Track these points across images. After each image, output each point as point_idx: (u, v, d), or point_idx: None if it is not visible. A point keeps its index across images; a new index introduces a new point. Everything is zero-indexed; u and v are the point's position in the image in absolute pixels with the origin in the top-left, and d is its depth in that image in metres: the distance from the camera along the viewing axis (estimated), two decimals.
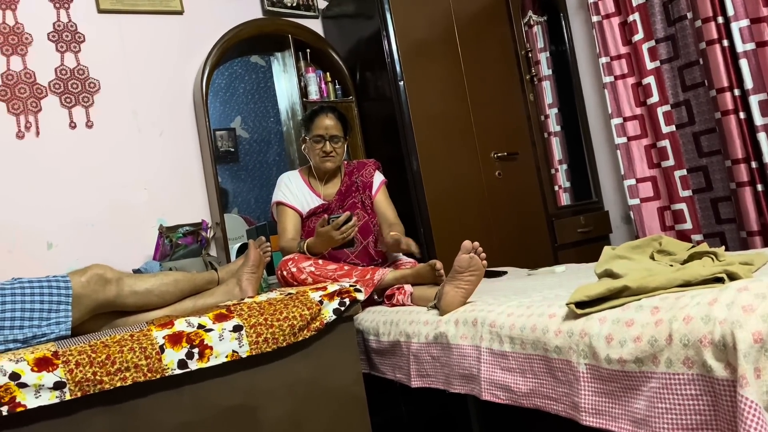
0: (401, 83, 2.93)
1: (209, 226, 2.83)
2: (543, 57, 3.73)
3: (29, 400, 1.38)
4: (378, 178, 2.62)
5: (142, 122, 2.80)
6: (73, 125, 2.67)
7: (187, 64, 2.90)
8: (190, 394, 1.58)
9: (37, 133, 2.60)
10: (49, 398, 1.39)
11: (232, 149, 3.28)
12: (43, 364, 1.39)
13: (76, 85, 2.68)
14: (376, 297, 2.25)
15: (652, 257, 1.71)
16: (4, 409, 1.35)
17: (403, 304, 2.12)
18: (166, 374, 1.52)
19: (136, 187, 2.75)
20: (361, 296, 1.85)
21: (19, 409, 1.37)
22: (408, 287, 2.16)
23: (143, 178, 2.77)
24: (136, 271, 2.33)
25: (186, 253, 2.71)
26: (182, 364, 1.54)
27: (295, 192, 2.55)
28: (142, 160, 2.78)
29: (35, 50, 2.62)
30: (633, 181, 3.31)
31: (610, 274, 1.52)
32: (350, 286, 1.85)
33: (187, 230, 2.75)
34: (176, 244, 2.71)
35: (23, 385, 1.37)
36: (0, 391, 1.35)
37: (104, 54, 2.75)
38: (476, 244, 1.84)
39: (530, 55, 3.44)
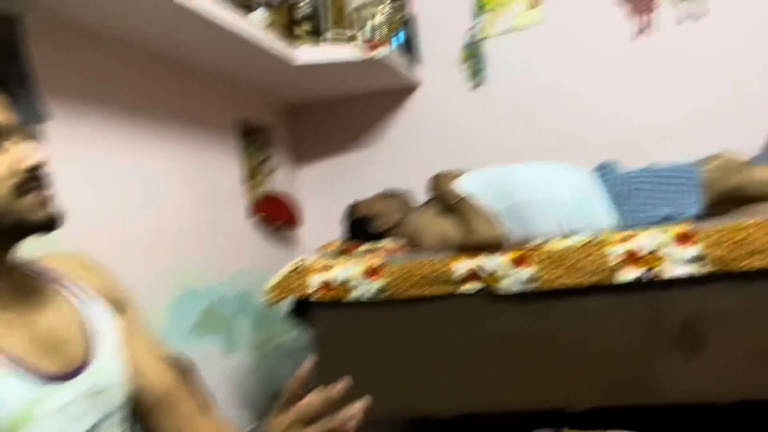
0: None
1: None
2: None
3: (669, 270, 1.61)
4: None
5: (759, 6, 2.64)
6: (682, 20, 2.73)
7: None
8: None
9: (652, 32, 2.77)
10: (690, 270, 1.58)
11: None
12: (683, 239, 1.59)
13: None
14: None
15: None
16: (647, 274, 1.62)
17: None
18: None
19: (747, 76, 2.65)
20: None
21: (661, 278, 1.61)
22: None
23: (756, 66, 2.64)
24: (753, 161, 2.30)
25: None
26: None
27: None
28: (755, 46, 2.64)
29: None
30: None
31: None
32: None
33: None
34: None
35: (667, 256, 1.60)
36: (647, 258, 1.62)
37: None
38: None
39: None
